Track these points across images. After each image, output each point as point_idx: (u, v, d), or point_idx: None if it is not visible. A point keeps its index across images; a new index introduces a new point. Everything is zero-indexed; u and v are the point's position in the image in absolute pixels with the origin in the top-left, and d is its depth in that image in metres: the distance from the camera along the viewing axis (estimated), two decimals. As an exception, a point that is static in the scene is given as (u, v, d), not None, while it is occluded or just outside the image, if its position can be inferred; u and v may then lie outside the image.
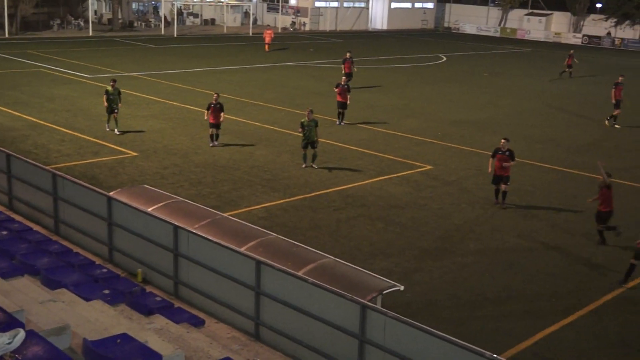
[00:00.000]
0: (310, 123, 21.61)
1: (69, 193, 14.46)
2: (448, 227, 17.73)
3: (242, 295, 11.21)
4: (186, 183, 20.06)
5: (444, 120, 31.15)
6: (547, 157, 25.26)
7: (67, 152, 22.58)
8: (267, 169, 21.86)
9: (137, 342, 8.42)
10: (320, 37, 69.98)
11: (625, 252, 16.63)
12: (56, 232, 14.90)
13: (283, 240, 12.63)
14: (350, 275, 11.30)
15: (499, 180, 19.28)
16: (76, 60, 44.10)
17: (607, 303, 13.90)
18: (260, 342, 11.02)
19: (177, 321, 10.49)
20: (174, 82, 37.36)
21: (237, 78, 40.38)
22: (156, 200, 14.13)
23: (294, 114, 30.45)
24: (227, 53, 52.82)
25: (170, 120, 28.07)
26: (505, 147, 19.04)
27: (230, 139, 25.35)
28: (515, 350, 11.98)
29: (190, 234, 12.03)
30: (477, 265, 15.45)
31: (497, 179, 19.31)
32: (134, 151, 23.13)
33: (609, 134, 30.18)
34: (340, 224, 17.43)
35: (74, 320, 8.89)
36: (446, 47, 66.15)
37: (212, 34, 67.85)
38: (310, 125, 21.59)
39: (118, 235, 13.46)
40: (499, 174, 19.20)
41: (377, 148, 25.16)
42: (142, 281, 12.74)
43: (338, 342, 10.00)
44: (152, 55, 49.50)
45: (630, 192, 21.55)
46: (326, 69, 46.62)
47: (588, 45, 77.37)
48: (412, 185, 20.93)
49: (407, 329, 9.18)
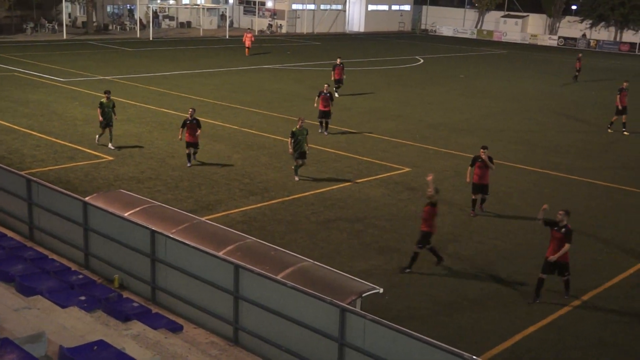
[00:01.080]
0: (302, 131, 20.74)
1: (43, 198, 14.29)
2: (426, 228, 17.74)
3: (221, 299, 11.14)
4: (163, 187, 19.91)
5: (421, 122, 31.26)
6: (524, 158, 25.44)
7: (42, 157, 22.32)
8: (244, 172, 21.77)
9: (114, 349, 8.33)
10: (298, 40, 70.00)
11: (603, 254, 16.79)
12: (31, 238, 14.72)
13: (261, 244, 12.57)
14: (329, 278, 11.26)
15: (479, 190, 18.85)
16: (50, 64, 43.68)
17: (585, 303, 13.99)
18: (239, 346, 10.95)
19: (155, 327, 10.40)
20: (150, 86, 37.12)
21: (214, 81, 40.22)
22: (133, 205, 14.01)
23: (271, 117, 30.41)
24: (204, 56, 52.62)
25: (147, 124, 27.87)
26: (485, 155, 18.57)
27: (207, 142, 25.21)
28: (495, 351, 12.01)
29: (167, 239, 11.93)
30: (455, 267, 15.49)
31: (478, 188, 18.84)
32: (110, 155, 22.92)
33: (585, 134, 30.47)
34: (319, 227, 17.39)
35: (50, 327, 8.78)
36: (423, 49, 66.47)
37: (188, 37, 67.57)
38: (302, 134, 20.74)
39: (94, 241, 13.32)
40: (479, 183, 18.77)
41: (355, 150, 25.17)
42: (119, 287, 12.61)
43: (318, 345, 9.96)
44: (127, 58, 49.16)
45: (604, 192, 21.74)
46: (304, 72, 46.62)
47: (564, 47, 78.22)
48: (391, 188, 20.95)
49: (387, 331, 9.16)
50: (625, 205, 20.64)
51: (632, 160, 26.18)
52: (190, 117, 21.53)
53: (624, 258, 16.50)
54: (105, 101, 23.36)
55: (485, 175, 18.67)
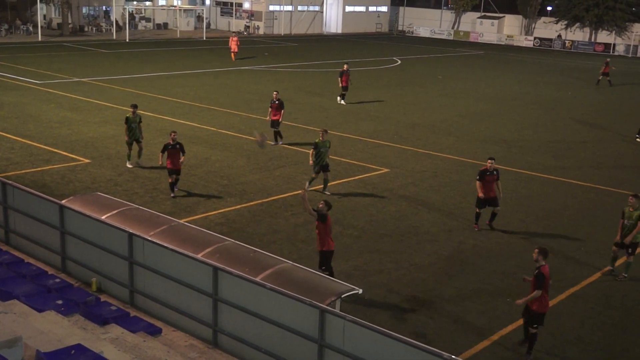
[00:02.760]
0: (324, 144, 19.69)
1: (19, 202, 14.14)
2: (405, 229, 17.81)
3: (200, 302, 11.09)
4: (141, 190, 19.78)
5: (399, 122, 31.36)
6: (501, 158, 25.54)
7: (17, 160, 22.08)
8: (223, 174, 21.70)
9: (92, 353, 8.27)
10: (275, 41, 69.94)
11: (580, 252, 16.94)
12: (6, 242, 14.56)
13: (240, 246, 12.54)
14: (309, 279, 11.26)
15: (486, 204, 17.88)
16: (25, 65, 43.23)
17: (562, 302, 14.11)
18: (218, 349, 10.91)
19: (133, 330, 10.33)
20: (127, 87, 36.88)
21: (191, 82, 40.06)
22: (110, 208, 13.90)
23: (249, 118, 30.34)
24: (181, 57, 52.37)
25: (124, 126, 27.59)
26: (493, 166, 17.65)
27: (185, 144, 25.06)
28: (474, 350, 12.08)
29: (145, 242, 11.86)
30: (434, 267, 15.56)
31: (485, 202, 17.87)
32: (87, 158, 22.73)
33: (562, 134, 30.74)
34: (298, 229, 17.37)
35: (27, 331, 8.69)
36: (400, 50, 66.72)
37: (165, 39, 67.23)
38: (325, 146, 19.70)
39: (71, 244, 13.20)
40: (487, 197, 17.76)
41: (333, 151, 25.10)
42: (96, 290, 12.51)
43: (297, 347, 9.95)
44: (103, 60, 48.80)
45: (579, 191, 21.95)
46: (281, 73, 46.57)
47: (539, 47, 78.90)
48: (369, 188, 20.99)
49: (366, 332, 9.18)
50: (601, 203, 20.85)
51: (608, 159, 26.46)
52: (173, 141, 19.04)
53: (600, 256, 16.66)
54: (131, 116, 21.70)
55: (492, 188, 17.73)
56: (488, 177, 17.67)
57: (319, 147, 19.63)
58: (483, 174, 17.72)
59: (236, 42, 52.06)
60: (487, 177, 17.67)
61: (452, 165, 24.28)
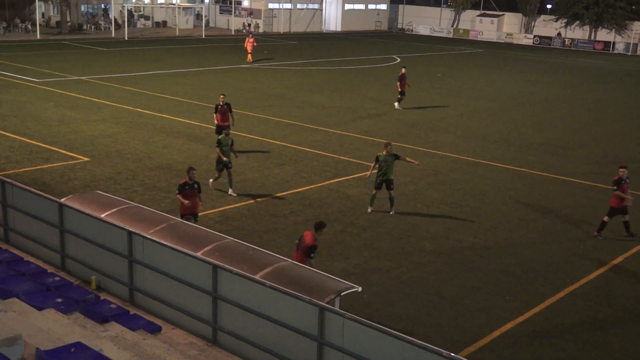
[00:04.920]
0: (387, 158, 18.43)
1: (18, 200, 14.14)
2: (404, 227, 17.83)
3: (199, 300, 11.10)
4: (140, 188, 19.79)
5: (399, 121, 31.37)
6: (500, 156, 25.63)
7: (16, 159, 22.08)
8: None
9: (91, 351, 8.28)
10: (274, 39, 69.91)
11: (579, 250, 16.95)
12: (6, 240, 14.56)
13: (240, 244, 12.54)
14: (308, 277, 11.26)
15: (619, 212, 17.48)
16: (24, 64, 43.21)
17: (561, 300, 14.13)
18: (218, 347, 10.92)
19: (133, 328, 10.34)
20: (126, 86, 36.87)
21: (191, 81, 40.05)
22: (109, 206, 13.90)
23: (248, 116, 30.33)
24: (180, 56, 52.36)
25: (123, 125, 27.68)
26: (626, 174, 17.18)
27: (184, 142, 25.13)
28: (473, 348, 12.10)
29: (145, 240, 11.86)
30: (433, 265, 15.57)
31: (616, 212, 17.47)
32: (86, 156, 22.73)
33: (562, 132, 30.77)
34: (298, 227, 17.38)
35: (26, 330, 8.70)
36: (400, 49, 66.71)
37: (164, 37, 67.19)
38: (387, 161, 18.41)
39: (70, 243, 13.20)
40: (619, 206, 17.34)
41: (332, 149, 25.20)
42: (96, 288, 12.52)
43: (297, 344, 9.96)
44: (102, 58, 48.78)
45: (579, 189, 21.97)
46: (281, 71, 46.57)
47: (539, 45, 78.94)
48: (369, 187, 20.96)
49: (366, 330, 9.19)
50: (600, 202, 20.84)
51: (607, 157, 26.48)
52: (190, 180, 15.72)
53: (599, 254, 16.68)
54: (223, 139, 19.64)
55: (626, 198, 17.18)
56: (624, 186, 17.25)
57: (380, 161, 18.40)
58: (619, 182, 17.22)
59: (252, 43, 50.47)
60: (623, 185, 17.24)
61: (452, 163, 24.29)
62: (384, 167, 18.43)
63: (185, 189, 15.58)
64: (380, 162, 18.45)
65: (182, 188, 15.60)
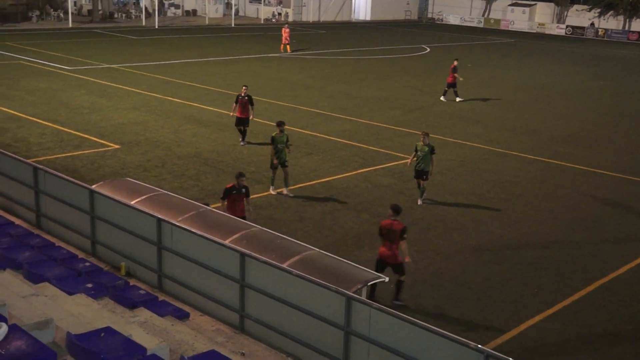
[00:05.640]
0: (424, 148, 18.48)
1: (50, 186, 14.33)
2: (432, 218, 17.76)
3: (227, 287, 11.17)
4: (169, 175, 19.94)
5: (427, 111, 31.19)
6: (531, 147, 25.38)
7: (48, 145, 22.37)
8: (250, 161, 21.78)
9: (121, 336, 8.37)
10: (303, 28, 69.80)
11: (609, 244, 16.75)
12: (38, 225, 14.77)
13: (267, 233, 12.59)
14: (335, 267, 11.28)
15: None
16: (56, 52, 43.68)
17: (590, 293, 13.99)
18: (245, 334, 10.99)
19: (162, 314, 10.44)
20: (156, 74, 37.11)
21: (219, 70, 40.18)
22: (139, 193, 14.03)
23: (277, 105, 30.38)
24: (209, 44, 52.52)
25: (153, 113, 27.88)
26: None
27: (213, 131, 25.25)
28: (500, 340, 12.03)
29: (174, 227, 11.96)
30: (460, 256, 15.50)
31: None
32: (116, 144, 22.95)
33: (593, 124, 30.36)
34: (325, 216, 17.40)
35: (57, 314, 8.82)
36: (430, 38, 66.21)
37: (193, 25, 67.43)
38: (424, 150, 18.46)
39: (101, 229, 13.36)
40: None
41: (361, 139, 25.14)
42: (125, 274, 12.66)
43: (323, 333, 9.99)
44: (132, 46, 49.13)
45: (610, 181, 21.69)
46: (309, 61, 46.52)
47: (572, 36, 77.81)
48: (397, 177, 20.94)
49: (392, 320, 9.19)
50: (633, 195, 20.58)
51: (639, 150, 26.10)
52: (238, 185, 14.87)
53: (630, 248, 16.47)
54: (277, 135, 18.72)
55: None
56: None
57: (418, 151, 18.58)
58: None
59: (288, 33, 49.44)
60: None
61: (480, 154, 24.11)
62: (420, 157, 18.59)
63: (232, 194, 14.77)
64: (418, 151, 18.61)
65: (229, 192, 14.77)
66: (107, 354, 7.83)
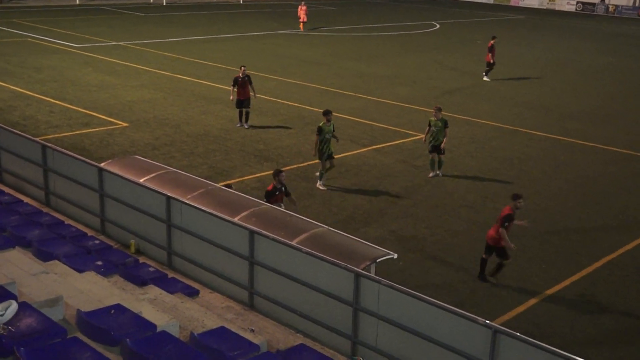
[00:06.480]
0: (437, 122, 18.70)
1: (59, 164, 14.35)
2: (440, 195, 17.73)
3: (236, 265, 11.19)
4: (178, 154, 19.95)
5: (436, 88, 31.02)
6: (539, 124, 25.23)
7: (56, 124, 22.39)
8: (259, 138, 21.75)
9: (131, 313, 8.41)
10: (313, 4, 69.31)
11: (617, 220, 16.69)
12: (47, 203, 14.81)
13: (276, 210, 12.59)
14: (344, 244, 11.28)
15: None
16: (63, 29, 43.58)
17: (598, 269, 13.97)
18: (254, 311, 11.03)
19: (171, 291, 10.48)
20: (164, 52, 37.01)
21: (228, 47, 40.02)
22: (148, 171, 14.04)
23: (285, 82, 30.27)
24: (217, 21, 52.29)
25: (161, 90, 27.84)
26: None
27: (222, 108, 25.20)
28: (508, 316, 12.05)
29: (183, 205, 11.97)
30: (469, 233, 15.48)
31: None
32: (125, 122, 22.96)
33: (602, 101, 30.14)
34: (334, 193, 17.39)
35: (67, 291, 8.87)
36: (439, 15, 65.70)
37: (202, 2, 67.09)
38: (437, 125, 18.69)
39: (110, 207, 13.39)
40: None
41: (370, 117, 25.05)
42: (135, 252, 12.70)
43: (332, 310, 10.02)
44: (141, 23, 48.96)
45: (620, 158, 21.57)
46: (318, 37, 46.26)
47: (582, 12, 77.01)
48: (405, 154, 20.88)
49: (401, 296, 9.19)
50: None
51: (650, 126, 25.94)
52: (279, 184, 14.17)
53: (638, 224, 16.41)
54: (325, 125, 17.65)
55: None
56: None
57: (431, 126, 18.75)
58: None
59: (305, 12, 48.12)
60: None
61: (490, 131, 24.00)
62: (434, 132, 18.84)
63: (276, 195, 14.00)
64: (432, 126, 18.86)
65: (272, 195, 13.98)
66: (117, 330, 7.87)
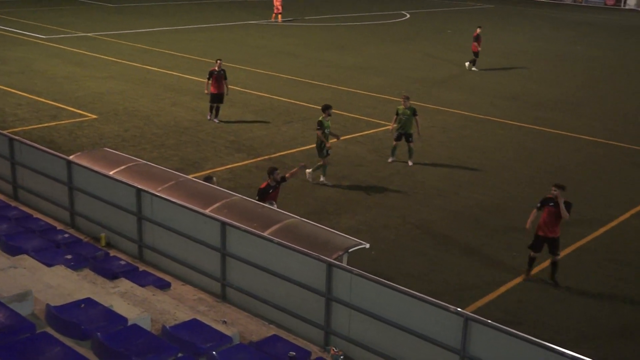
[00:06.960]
0: (406, 111, 18.91)
1: (27, 158, 14.17)
2: (413, 184, 17.81)
3: (208, 256, 11.16)
4: (148, 145, 19.79)
5: (407, 78, 31.10)
6: (509, 113, 25.44)
7: (24, 116, 22.06)
8: (230, 130, 21.65)
9: (101, 307, 8.36)
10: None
11: (586, 207, 16.92)
12: (15, 197, 14.63)
13: (248, 201, 12.56)
14: (316, 234, 11.29)
15: (542, 246, 13.07)
16: (30, 20, 42.91)
17: (568, 255, 14.12)
18: (227, 303, 11.02)
19: (143, 284, 10.42)
20: (133, 43, 36.62)
21: (199, 37, 39.73)
22: (118, 164, 13.91)
23: (256, 73, 30.15)
24: (188, 12, 51.84)
25: (131, 82, 27.57)
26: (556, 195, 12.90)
27: (192, 100, 25.03)
28: (480, 303, 12.16)
29: (153, 197, 11.90)
30: (442, 222, 15.58)
31: (541, 243, 13.07)
32: (94, 114, 22.70)
33: (571, 89, 30.46)
34: (306, 184, 17.39)
35: (36, 286, 8.78)
36: (409, 4, 65.76)
37: (171, -7, 66.42)
38: (406, 114, 18.91)
39: (79, 200, 13.26)
40: (544, 235, 13.00)
41: (341, 107, 25.03)
42: (105, 245, 12.60)
43: (305, 300, 10.04)
44: (110, 14, 48.37)
45: (588, 146, 21.84)
46: (289, 28, 46.11)
47: (550, 1, 77.63)
48: (377, 144, 20.93)
49: (373, 285, 9.24)
50: (609, 158, 20.75)
51: (616, 114, 26.26)
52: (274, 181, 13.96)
53: (606, 210, 16.65)
54: (324, 119, 17.59)
55: (555, 227, 12.97)
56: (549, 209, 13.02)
57: (399, 114, 18.99)
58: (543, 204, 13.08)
59: (280, 2, 47.62)
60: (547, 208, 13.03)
61: (461, 120, 24.14)
62: (403, 120, 19.01)
63: (270, 193, 13.76)
64: (399, 115, 19.03)
65: (265, 193, 13.70)
66: (88, 325, 7.81)
